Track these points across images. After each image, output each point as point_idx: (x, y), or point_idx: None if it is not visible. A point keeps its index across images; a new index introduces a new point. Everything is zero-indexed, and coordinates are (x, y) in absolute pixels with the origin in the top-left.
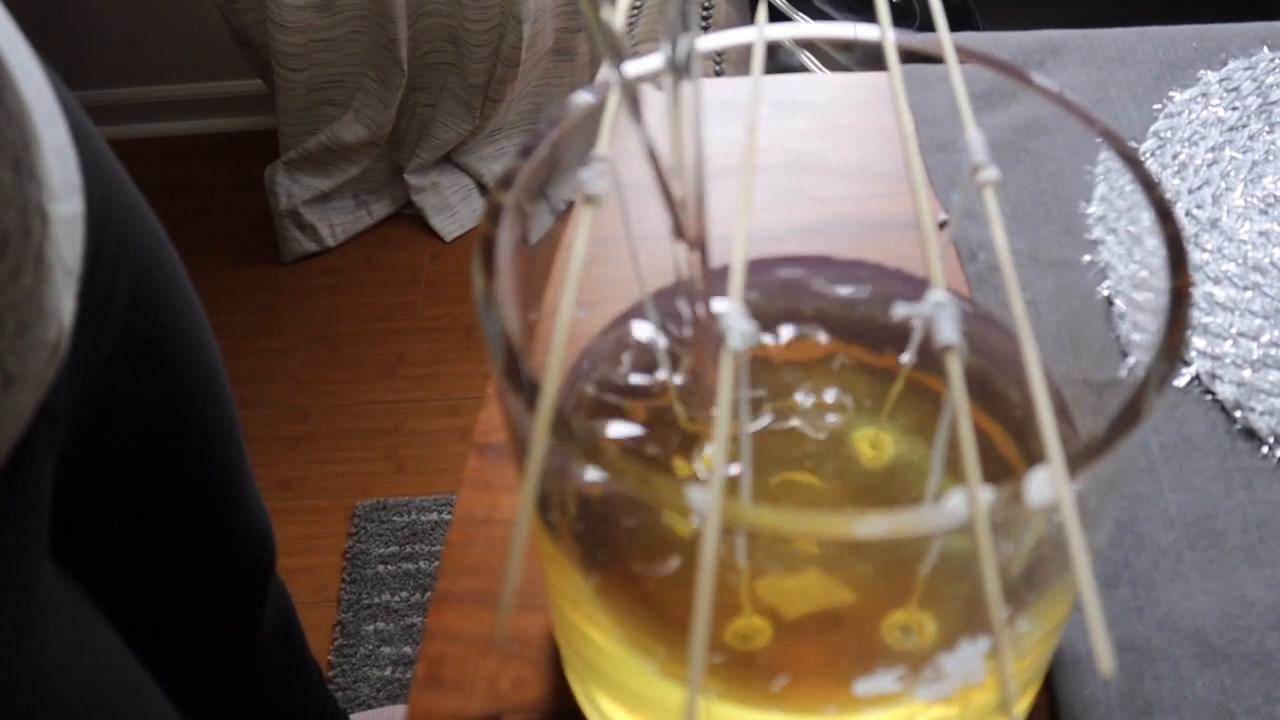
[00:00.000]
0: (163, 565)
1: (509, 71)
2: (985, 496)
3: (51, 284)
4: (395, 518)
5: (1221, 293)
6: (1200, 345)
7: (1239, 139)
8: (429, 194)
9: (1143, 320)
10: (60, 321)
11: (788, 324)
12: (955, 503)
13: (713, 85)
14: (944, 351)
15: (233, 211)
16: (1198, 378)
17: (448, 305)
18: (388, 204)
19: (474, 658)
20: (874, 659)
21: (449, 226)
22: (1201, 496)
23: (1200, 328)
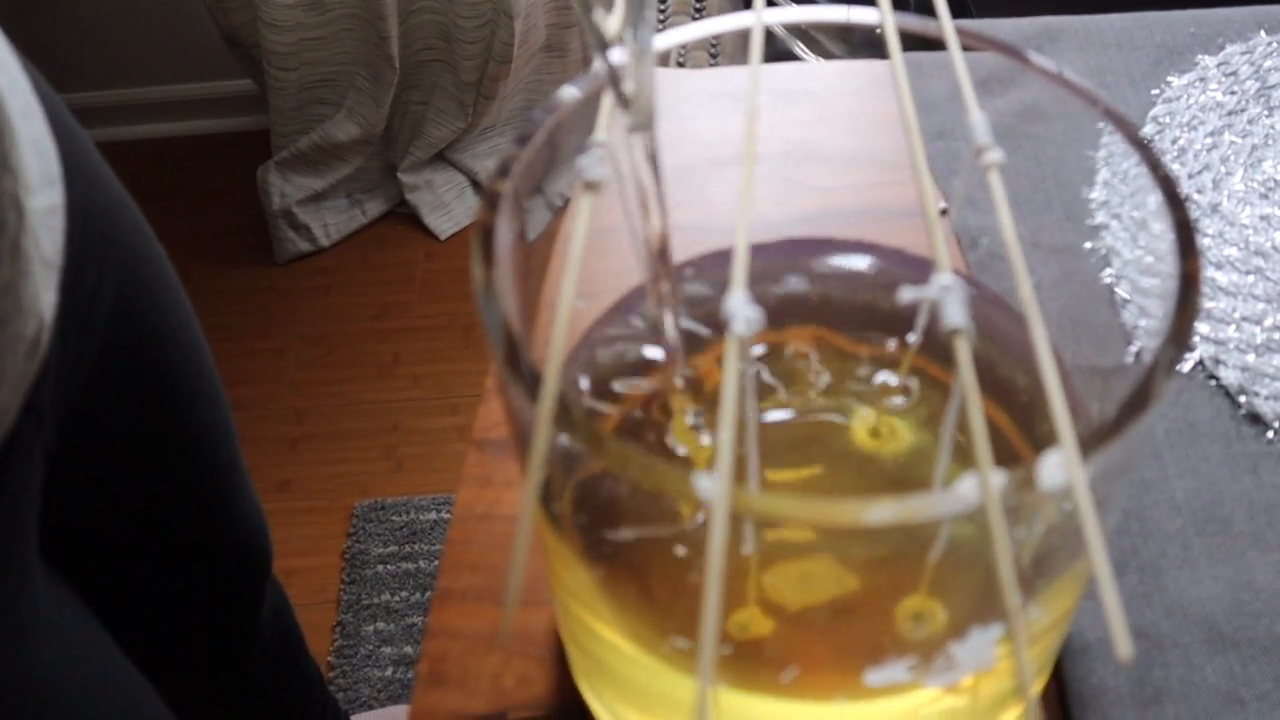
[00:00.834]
0: (156, 568)
1: (501, 68)
2: (997, 480)
3: (29, 277)
4: (394, 517)
5: (1224, 278)
6: (1203, 330)
7: (1238, 123)
8: (423, 192)
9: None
10: (40, 316)
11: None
12: (967, 487)
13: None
14: (952, 335)
15: (226, 212)
16: (1201, 363)
17: (443, 303)
18: (381, 203)
19: (477, 655)
20: (885, 649)
21: (443, 224)
22: (1207, 482)
23: (1203, 313)
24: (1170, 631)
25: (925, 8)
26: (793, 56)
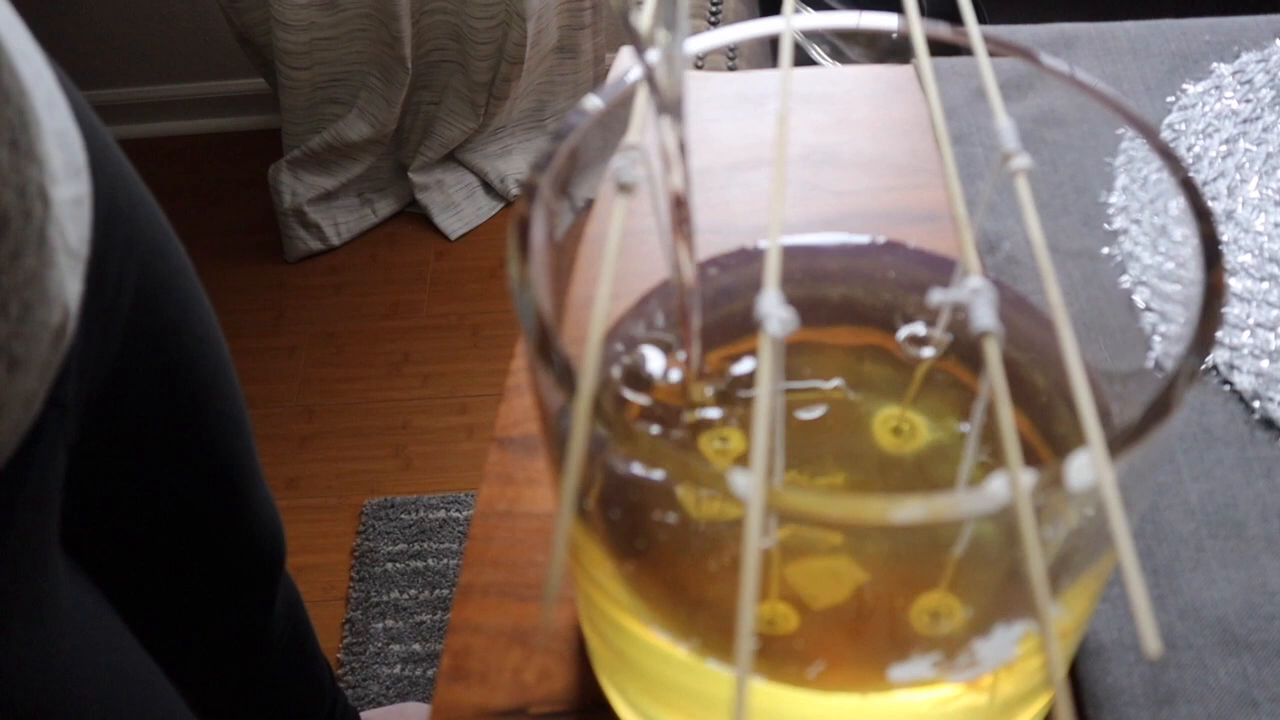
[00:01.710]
0: (174, 560)
1: (513, 69)
2: (1027, 480)
3: (55, 266)
4: (403, 515)
5: (1238, 284)
6: (1218, 336)
7: (1253, 131)
8: (433, 192)
9: (1170, 311)
10: (65, 306)
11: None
12: (996, 486)
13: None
14: (982, 337)
15: (237, 211)
16: (1216, 368)
17: (453, 303)
18: (392, 202)
19: (499, 650)
20: (909, 645)
21: (453, 224)
22: (1221, 486)
23: None
24: (1184, 633)
25: (935, 14)
26: (810, 61)
